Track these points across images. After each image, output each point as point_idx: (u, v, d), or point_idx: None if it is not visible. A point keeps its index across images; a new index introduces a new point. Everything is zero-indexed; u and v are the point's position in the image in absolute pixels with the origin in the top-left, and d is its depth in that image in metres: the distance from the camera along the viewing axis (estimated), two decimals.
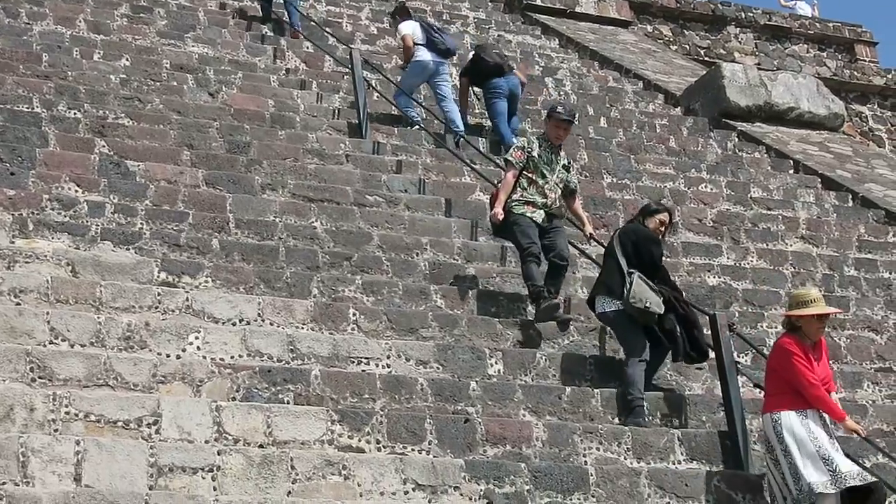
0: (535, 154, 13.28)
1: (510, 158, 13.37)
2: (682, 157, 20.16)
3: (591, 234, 13.90)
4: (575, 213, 13.92)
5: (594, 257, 14.27)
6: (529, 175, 13.24)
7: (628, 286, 11.88)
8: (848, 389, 13.67)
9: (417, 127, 18.40)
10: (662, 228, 12.46)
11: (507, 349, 12.49)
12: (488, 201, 14.07)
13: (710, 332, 11.97)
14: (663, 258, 12.52)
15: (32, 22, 19.36)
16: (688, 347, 12.04)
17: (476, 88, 19.11)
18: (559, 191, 13.40)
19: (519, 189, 13.24)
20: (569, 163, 13.68)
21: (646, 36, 29.85)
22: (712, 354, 12.12)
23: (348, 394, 11.10)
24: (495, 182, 16.33)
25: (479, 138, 18.53)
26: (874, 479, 10.16)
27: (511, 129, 18.50)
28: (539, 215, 13.16)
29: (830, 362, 14.28)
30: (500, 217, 13.13)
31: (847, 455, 10.35)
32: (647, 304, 11.80)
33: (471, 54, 19.41)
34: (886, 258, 17.79)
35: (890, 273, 17.27)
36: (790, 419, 10.24)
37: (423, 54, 18.61)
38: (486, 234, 15.27)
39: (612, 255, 12.25)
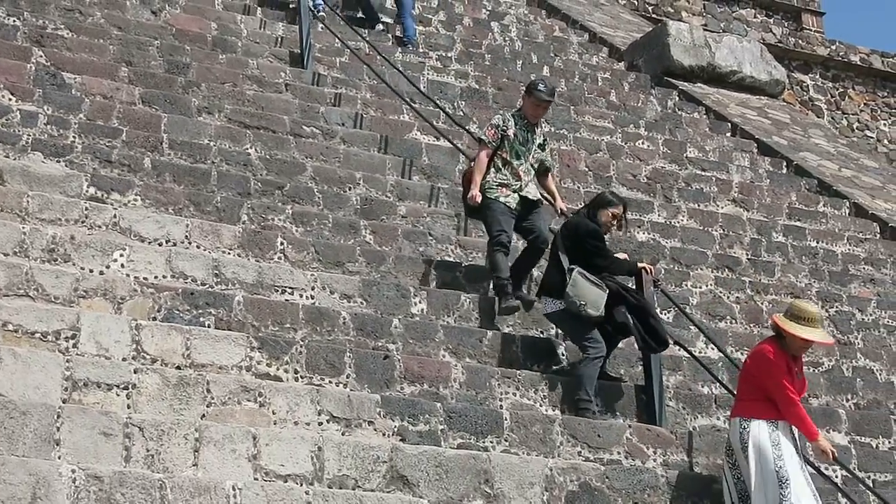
0: (510, 133, 12.54)
1: (484, 137, 12.65)
2: (621, 112, 20.19)
3: (562, 209, 13.21)
4: (547, 189, 13.21)
5: None
6: (504, 156, 12.53)
7: (569, 284, 11.41)
8: None
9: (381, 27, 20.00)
10: (615, 222, 11.92)
11: (431, 289, 12.51)
12: (461, 180, 13.30)
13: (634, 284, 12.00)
14: (606, 251, 11.80)
15: None
16: (646, 337, 11.45)
17: None
18: (533, 172, 12.76)
19: (493, 170, 12.51)
20: (544, 140, 12.98)
21: None
22: None
23: (270, 322, 11.09)
24: (433, 122, 16.37)
25: (420, 76, 18.46)
26: None
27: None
28: (513, 200, 12.44)
29: (749, 325, 14.48)
30: (479, 199, 12.35)
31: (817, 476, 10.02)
32: (581, 305, 11.35)
33: None
34: (815, 227, 17.94)
35: (817, 242, 17.43)
36: (759, 430, 9.80)
37: None
38: (420, 173, 15.28)
39: (553, 251, 11.85)
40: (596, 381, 11.35)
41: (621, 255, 12.35)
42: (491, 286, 12.69)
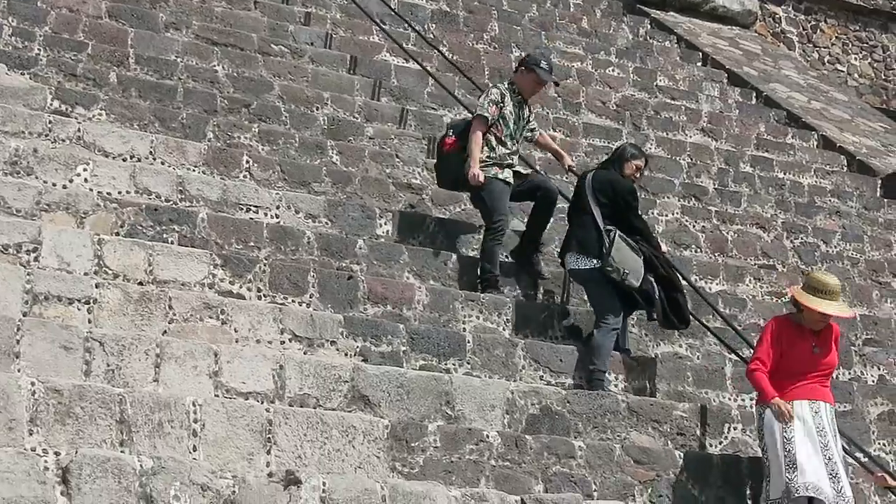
0: (506, 111, 11.79)
1: (485, 113, 11.70)
2: (592, 39, 20.09)
3: (570, 166, 12.52)
4: (547, 147, 12.83)
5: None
6: (498, 134, 11.76)
7: (608, 246, 10.90)
8: (730, 283, 13.84)
9: None
10: (638, 175, 11.51)
11: (397, 211, 12.45)
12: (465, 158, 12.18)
13: None
14: (640, 213, 11.50)
15: None
16: (668, 311, 11.15)
17: None
18: (519, 146, 12.20)
19: (486, 148, 11.71)
20: (530, 111, 12.24)
21: None
22: None
23: (234, 240, 11.02)
24: (402, 44, 16.27)
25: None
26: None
27: None
28: (510, 175, 11.76)
29: (721, 257, 14.49)
30: (482, 179, 11.54)
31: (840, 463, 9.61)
32: (625, 274, 10.84)
33: None
34: (783, 158, 17.95)
35: (784, 173, 17.44)
36: (770, 417, 9.59)
37: None
38: (388, 95, 15.19)
39: (585, 208, 11.21)
40: (610, 352, 10.94)
41: None
42: (479, 274, 11.79)
